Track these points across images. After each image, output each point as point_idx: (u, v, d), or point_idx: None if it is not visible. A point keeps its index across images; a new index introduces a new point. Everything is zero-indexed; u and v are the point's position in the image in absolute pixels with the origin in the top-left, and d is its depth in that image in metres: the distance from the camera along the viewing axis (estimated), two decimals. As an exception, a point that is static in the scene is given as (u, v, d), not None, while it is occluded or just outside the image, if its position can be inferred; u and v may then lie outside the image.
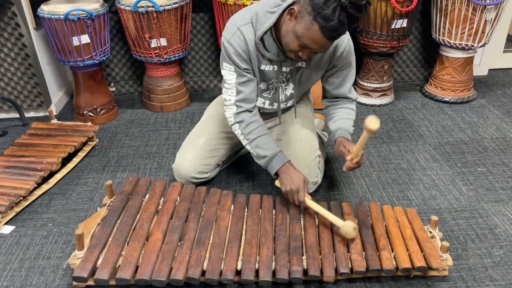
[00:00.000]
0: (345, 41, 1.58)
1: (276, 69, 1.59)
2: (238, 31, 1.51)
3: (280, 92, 1.68)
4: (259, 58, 1.55)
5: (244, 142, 1.63)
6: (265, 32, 1.48)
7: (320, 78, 1.72)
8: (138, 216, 1.52)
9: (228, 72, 1.57)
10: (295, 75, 1.64)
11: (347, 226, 1.40)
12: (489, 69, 3.02)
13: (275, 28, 1.48)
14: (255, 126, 1.60)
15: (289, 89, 1.69)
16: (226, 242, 1.42)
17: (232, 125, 1.64)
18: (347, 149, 1.56)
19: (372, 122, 1.31)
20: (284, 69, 1.60)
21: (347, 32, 1.58)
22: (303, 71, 1.63)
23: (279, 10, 1.44)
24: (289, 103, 1.76)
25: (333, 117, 1.72)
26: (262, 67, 1.58)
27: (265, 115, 1.81)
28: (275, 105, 1.73)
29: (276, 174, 1.59)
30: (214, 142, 1.82)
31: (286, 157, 1.59)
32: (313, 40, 1.35)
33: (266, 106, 1.73)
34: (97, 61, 2.32)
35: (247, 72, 1.57)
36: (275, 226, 1.50)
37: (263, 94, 1.69)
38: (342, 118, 1.69)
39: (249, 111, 1.61)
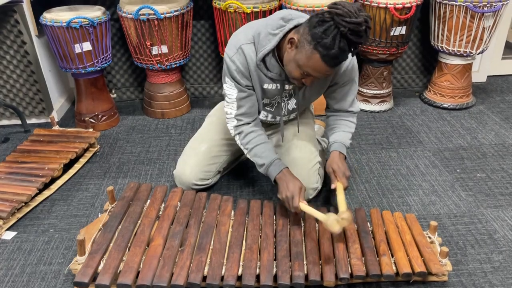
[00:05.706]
0: (348, 58, 1.55)
1: (279, 87, 1.60)
2: (240, 50, 1.51)
3: (282, 107, 1.69)
4: (261, 77, 1.56)
5: (245, 152, 1.66)
6: (267, 54, 1.49)
7: (323, 93, 1.73)
8: (139, 221, 1.53)
9: (229, 87, 1.58)
10: (298, 92, 1.65)
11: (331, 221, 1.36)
12: (488, 76, 3.03)
13: (278, 49, 1.49)
14: (253, 136, 1.62)
15: (292, 104, 1.70)
16: (227, 248, 1.43)
17: (233, 136, 1.67)
18: (335, 174, 1.59)
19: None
20: (287, 87, 1.61)
21: None
22: (306, 88, 1.64)
23: (281, 33, 1.44)
24: (292, 116, 1.79)
25: (332, 128, 1.73)
26: (265, 86, 1.58)
27: (268, 126, 1.84)
28: (278, 118, 1.74)
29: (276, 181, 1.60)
30: (216, 149, 1.83)
31: (283, 164, 1.59)
32: (315, 69, 1.36)
33: (269, 119, 1.75)
34: (98, 68, 2.34)
35: (248, 88, 1.58)
36: (276, 232, 1.51)
37: (266, 107, 1.70)
38: (341, 130, 1.70)
39: (248, 123, 1.64)
